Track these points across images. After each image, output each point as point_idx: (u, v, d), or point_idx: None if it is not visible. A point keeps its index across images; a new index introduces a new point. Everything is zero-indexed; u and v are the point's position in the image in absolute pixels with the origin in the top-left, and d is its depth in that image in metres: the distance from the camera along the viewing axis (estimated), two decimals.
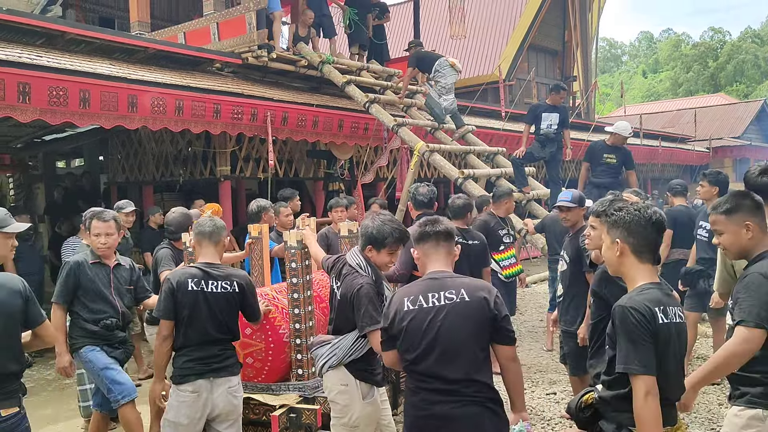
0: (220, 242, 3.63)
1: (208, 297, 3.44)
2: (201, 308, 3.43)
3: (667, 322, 2.29)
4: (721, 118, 27.14)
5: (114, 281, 4.21)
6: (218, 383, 3.45)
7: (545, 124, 8.26)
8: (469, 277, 2.85)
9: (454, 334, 2.61)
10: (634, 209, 2.42)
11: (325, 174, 10.25)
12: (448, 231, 2.84)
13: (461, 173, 8.04)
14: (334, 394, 3.35)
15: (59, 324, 4.03)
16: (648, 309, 2.27)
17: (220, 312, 3.47)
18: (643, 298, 2.31)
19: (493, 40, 19.11)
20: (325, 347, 3.38)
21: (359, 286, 3.21)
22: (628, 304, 2.29)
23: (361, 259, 3.32)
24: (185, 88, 7.33)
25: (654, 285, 2.38)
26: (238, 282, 3.54)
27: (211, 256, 3.59)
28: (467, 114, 12.00)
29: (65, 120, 6.28)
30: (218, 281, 3.48)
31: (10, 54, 6.05)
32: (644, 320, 2.25)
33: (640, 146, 17.52)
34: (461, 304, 2.64)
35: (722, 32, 60.52)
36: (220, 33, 9.27)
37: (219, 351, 3.48)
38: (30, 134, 10.12)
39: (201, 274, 3.49)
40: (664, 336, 2.28)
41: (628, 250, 2.41)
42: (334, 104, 9.40)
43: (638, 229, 2.40)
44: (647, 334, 2.25)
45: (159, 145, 9.60)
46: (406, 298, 2.72)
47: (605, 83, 52.40)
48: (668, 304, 2.33)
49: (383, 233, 3.25)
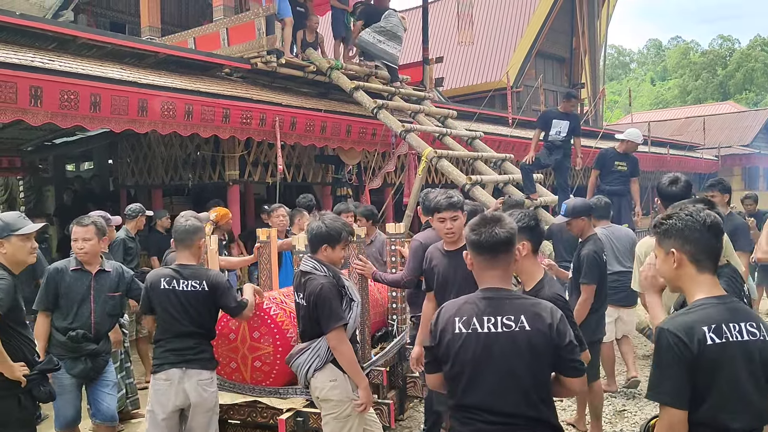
0: (193, 245, 3.77)
1: (179, 294, 3.63)
2: (173, 304, 3.63)
3: (721, 343, 2.01)
4: (729, 127, 27.03)
5: (95, 288, 4.06)
6: (190, 374, 3.59)
7: (554, 131, 8.24)
8: (531, 299, 2.44)
9: (512, 367, 2.27)
10: (686, 214, 2.18)
11: (333, 179, 10.28)
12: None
13: (469, 179, 8.04)
14: (326, 392, 3.37)
15: (39, 331, 3.91)
16: (688, 331, 2.02)
17: (191, 308, 3.64)
18: (688, 318, 2.07)
19: (501, 47, 19.13)
20: (304, 354, 3.43)
21: (319, 287, 3.32)
22: (666, 326, 2.07)
23: (314, 262, 3.44)
24: (195, 92, 7.38)
25: (712, 300, 2.11)
26: (207, 281, 3.68)
27: (185, 259, 3.77)
28: (475, 120, 12.02)
29: (76, 123, 6.33)
30: (188, 280, 3.66)
31: (22, 58, 6.11)
32: (679, 344, 2.01)
33: (648, 154, 17.48)
34: (521, 335, 2.28)
35: (731, 40, 60.35)
36: (229, 38, 9.33)
37: (194, 344, 3.64)
38: (40, 137, 10.21)
39: (172, 273, 3.69)
40: (713, 360, 2.01)
41: (686, 260, 2.16)
42: (342, 110, 9.44)
43: (694, 235, 2.14)
44: (678, 360, 2.01)
45: (168, 149, 9.65)
46: (458, 318, 2.36)
47: (613, 90, 52.34)
48: (728, 321, 2.05)
49: (337, 229, 3.46)
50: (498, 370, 2.28)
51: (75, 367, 3.96)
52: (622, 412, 5.45)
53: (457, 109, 11.54)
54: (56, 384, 3.68)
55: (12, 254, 3.31)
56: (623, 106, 46.29)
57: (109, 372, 4.20)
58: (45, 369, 3.37)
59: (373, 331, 4.97)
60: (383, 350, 4.85)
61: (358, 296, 3.56)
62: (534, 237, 3.03)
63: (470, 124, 11.58)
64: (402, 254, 5.03)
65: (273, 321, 4.05)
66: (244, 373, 4.12)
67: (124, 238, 6.13)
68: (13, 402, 3.20)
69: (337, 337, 3.30)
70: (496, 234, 2.34)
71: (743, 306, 2.17)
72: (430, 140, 9.47)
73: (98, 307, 4.05)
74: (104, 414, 4.09)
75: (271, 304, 4.17)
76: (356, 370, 3.37)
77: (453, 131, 9.75)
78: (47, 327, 3.98)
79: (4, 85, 5.61)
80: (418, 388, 5.03)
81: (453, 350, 2.34)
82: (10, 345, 3.14)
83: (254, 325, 4.07)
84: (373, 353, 4.73)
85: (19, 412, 3.24)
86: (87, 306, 4.01)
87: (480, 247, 2.37)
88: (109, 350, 4.28)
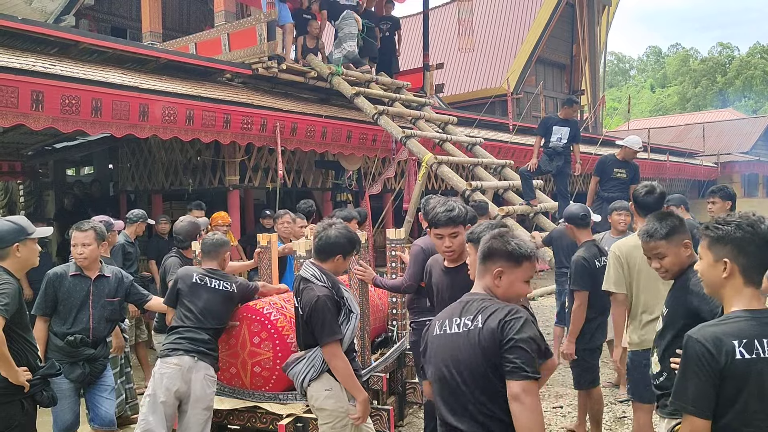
0: (219, 257, 4.10)
1: (209, 290, 3.89)
2: (201, 298, 3.86)
3: (751, 358, 1.96)
4: (729, 134, 27.06)
5: (94, 294, 4.04)
6: (200, 366, 3.73)
7: (555, 138, 8.26)
8: (501, 303, 2.24)
9: (459, 373, 2.18)
10: (747, 224, 2.09)
11: (333, 184, 10.30)
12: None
13: (469, 185, 8.05)
14: (321, 401, 3.34)
15: (37, 337, 3.87)
16: (717, 342, 1.98)
17: (217, 305, 3.88)
18: (719, 330, 2.02)
19: (502, 54, 19.19)
20: (300, 364, 3.39)
21: (315, 299, 3.25)
22: (696, 335, 2.03)
23: (315, 270, 3.37)
24: (196, 98, 7.40)
25: (748, 313, 2.05)
26: (236, 284, 4.02)
27: (213, 266, 4.08)
28: (475, 126, 12.05)
29: (77, 128, 6.34)
30: (219, 281, 3.96)
31: (24, 63, 6.13)
32: (707, 355, 1.98)
33: (648, 161, 17.50)
34: (472, 334, 2.18)
35: (731, 47, 60.50)
36: (230, 44, 9.37)
37: (208, 339, 3.82)
38: (41, 142, 10.22)
39: (204, 272, 3.99)
40: (740, 374, 1.97)
41: (738, 272, 2.08)
42: (343, 115, 9.46)
43: (750, 248, 2.07)
44: (706, 371, 1.98)
45: (168, 154, 9.66)
46: (438, 320, 2.35)
47: (613, 97, 52.39)
48: (761, 336, 1.99)
49: (354, 241, 3.46)
50: (450, 377, 2.20)
51: (73, 371, 3.95)
52: (622, 418, 5.43)
53: (458, 115, 11.57)
54: (54, 389, 3.67)
55: (26, 258, 3.33)
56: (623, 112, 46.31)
57: (107, 377, 4.20)
58: (47, 374, 3.36)
59: (372, 337, 4.96)
60: (383, 356, 4.85)
61: (358, 307, 3.51)
62: None
63: (470, 130, 11.61)
64: (402, 260, 5.03)
65: (273, 326, 4.05)
66: (244, 378, 4.11)
67: (124, 243, 6.13)
68: (16, 407, 3.20)
69: (331, 352, 3.25)
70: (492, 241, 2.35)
71: None
72: (431, 146, 9.49)
73: (96, 312, 4.04)
74: (102, 419, 4.08)
75: (271, 309, 4.17)
76: (353, 384, 3.31)
77: (453, 137, 9.76)
78: (45, 332, 3.98)
79: (5, 89, 5.61)
80: (417, 395, 5.02)
81: (427, 353, 2.38)
82: (13, 349, 3.14)
83: (254, 330, 4.07)
84: (373, 359, 4.73)
85: (22, 416, 3.23)
86: (86, 311, 4.00)
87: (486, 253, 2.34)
88: (107, 355, 4.27)
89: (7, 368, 3.09)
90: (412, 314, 4.72)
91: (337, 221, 3.57)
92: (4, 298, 3.08)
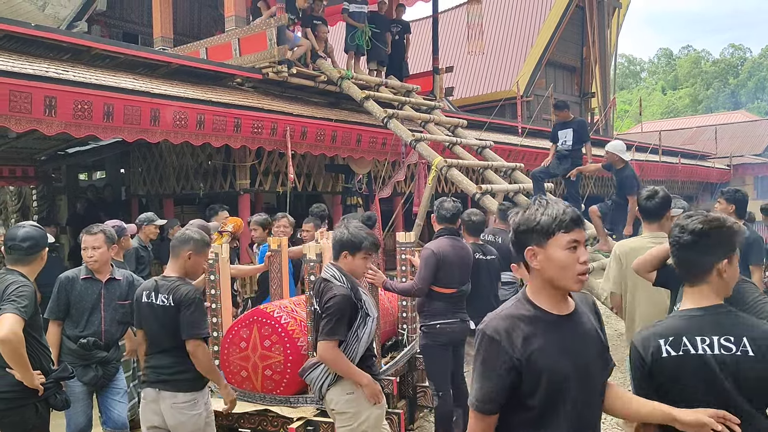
0: (179, 257, 3.50)
1: (155, 309, 3.41)
2: (151, 319, 3.44)
3: (678, 356, 2.02)
4: (741, 136, 26.86)
5: (105, 297, 4.06)
6: (164, 396, 3.41)
7: (561, 142, 8.38)
8: None
9: None
10: (676, 226, 2.19)
11: (343, 188, 10.31)
12: None
13: (479, 188, 8.04)
14: (342, 404, 3.34)
15: (51, 341, 3.89)
16: (644, 344, 2.09)
17: (168, 323, 3.39)
18: (647, 332, 2.12)
19: (512, 56, 19.15)
20: (317, 369, 3.40)
21: (332, 296, 3.26)
22: (634, 338, 2.17)
23: (335, 270, 3.39)
24: (206, 102, 7.44)
25: (681, 312, 2.13)
26: (174, 296, 3.38)
27: (170, 269, 3.54)
28: (485, 129, 12.03)
29: (89, 133, 6.39)
30: (161, 294, 3.41)
31: (37, 68, 6.19)
32: (637, 356, 2.10)
33: (659, 163, 17.40)
34: None
35: (743, 49, 60.13)
36: (241, 48, 9.41)
37: (171, 363, 3.42)
38: (54, 147, 10.30)
39: (153, 286, 3.48)
40: (669, 370, 2.03)
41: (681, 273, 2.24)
42: (353, 119, 9.47)
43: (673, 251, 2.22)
44: (639, 371, 2.10)
45: (180, 159, 9.72)
46: None
47: (624, 100, 52.18)
48: (695, 334, 2.03)
49: (359, 237, 3.40)
50: None
51: (86, 374, 3.98)
52: None
53: (468, 118, 11.56)
54: (68, 392, 3.70)
55: (45, 260, 3.47)
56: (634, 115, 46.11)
57: (119, 380, 4.22)
58: (60, 377, 3.39)
59: (383, 341, 4.96)
60: (393, 360, 4.85)
61: (375, 311, 3.48)
62: None
63: (480, 133, 11.59)
64: (412, 263, 5.03)
65: (284, 330, 4.06)
66: (255, 381, 4.13)
67: (137, 246, 6.17)
68: (30, 410, 3.24)
69: (323, 347, 3.24)
70: None
71: (734, 318, 2.06)
72: (440, 149, 9.49)
73: (108, 314, 4.07)
74: (115, 421, 4.10)
75: (281, 312, 4.18)
76: (353, 373, 3.29)
77: (463, 140, 9.75)
78: (59, 336, 4.00)
79: (19, 95, 5.67)
80: (428, 398, 5.01)
81: None
82: (28, 353, 3.17)
83: (265, 333, 4.08)
84: (383, 363, 4.73)
85: (36, 420, 3.26)
86: (97, 314, 4.03)
87: None
88: (120, 358, 4.30)
89: (24, 371, 3.12)
90: (423, 318, 4.72)
91: (352, 221, 3.56)
92: (24, 300, 3.13)
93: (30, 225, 3.46)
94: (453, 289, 4.63)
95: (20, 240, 3.34)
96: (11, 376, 3.15)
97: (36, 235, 3.37)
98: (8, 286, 3.18)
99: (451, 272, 4.60)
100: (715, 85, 53.88)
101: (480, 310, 5.03)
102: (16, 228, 3.44)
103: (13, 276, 3.26)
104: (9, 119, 5.70)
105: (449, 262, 4.59)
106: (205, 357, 3.38)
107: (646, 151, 17.41)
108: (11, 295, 3.13)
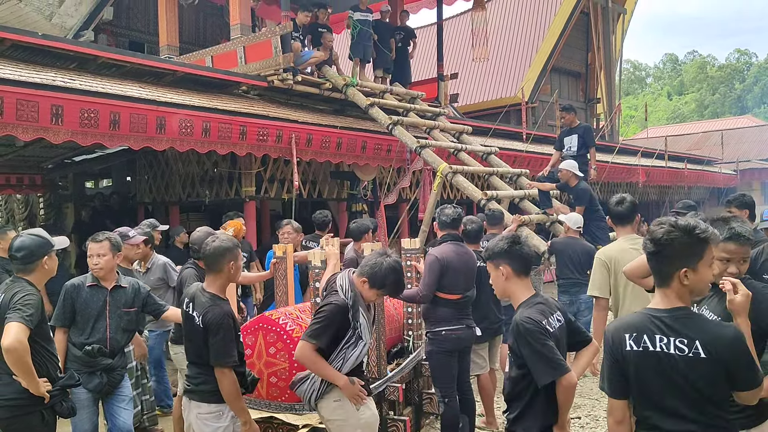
0: (222, 270, 3.41)
1: (190, 320, 3.39)
2: (186, 326, 3.45)
3: (639, 351, 2.20)
4: (748, 140, 26.80)
5: (110, 304, 4.06)
6: (192, 405, 3.42)
7: (566, 148, 8.44)
8: None
9: None
10: (648, 236, 2.35)
11: (348, 195, 10.32)
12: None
13: (484, 194, 8.04)
14: (330, 411, 3.37)
15: (58, 347, 3.87)
16: (615, 334, 2.29)
17: (195, 339, 3.38)
18: (618, 323, 2.35)
19: (516, 63, 19.17)
20: (306, 382, 3.43)
21: (329, 303, 3.28)
22: (608, 326, 2.38)
23: (346, 282, 3.36)
24: (212, 110, 7.46)
25: (647, 310, 2.29)
26: (203, 317, 3.30)
27: (207, 283, 3.48)
28: (490, 136, 12.05)
29: (96, 141, 6.42)
30: (195, 310, 3.36)
31: (44, 77, 6.23)
32: (609, 343, 2.30)
33: (665, 168, 17.37)
34: None
35: (749, 54, 59.92)
36: (246, 56, 9.45)
37: (196, 373, 3.41)
38: (60, 155, 10.36)
39: (192, 296, 3.45)
40: (633, 363, 2.22)
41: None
42: (358, 126, 9.49)
43: (647, 255, 2.38)
44: (610, 358, 2.30)
45: (185, 166, 9.75)
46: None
47: (630, 105, 52.05)
48: (654, 333, 2.19)
49: (387, 279, 3.34)
50: None
51: (91, 381, 3.97)
52: None
53: (472, 124, 11.57)
54: (73, 399, 3.70)
55: (51, 268, 3.45)
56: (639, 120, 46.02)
57: (125, 387, 4.22)
58: (66, 384, 3.40)
59: (388, 347, 4.95)
60: (399, 366, 4.83)
61: (369, 338, 3.43)
62: (512, 259, 2.88)
63: (485, 139, 11.59)
64: (417, 269, 5.02)
65: (289, 337, 4.06)
66: (260, 388, 4.12)
67: None
68: (36, 418, 3.24)
69: (301, 347, 3.24)
70: None
71: (692, 322, 2.19)
72: (446, 156, 9.50)
73: (113, 322, 4.06)
74: (120, 429, 4.10)
75: (287, 319, 4.18)
76: (328, 373, 3.27)
77: (468, 147, 9.76)
78: (65, 343, 4.01)
79: (26, 104, 5.71)
80: (434, 405, 5.00)
81: None
82: (35, 361, 3.19)
83: (270, 340, 4.08)
84: (389, 369, 4.72)
85: (42, 427, 3.27)
86: (103, 321, 4.03)
87: None
88: (125, 365, 4.30)
89: (29, 379, 3.13)
90: (428, 324, 4.71)
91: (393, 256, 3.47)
92: (29, 308, 3.14)
93: (27, 234, 3.47)
94: (458, 295, 4.62)
95: (14, 250, 3.37)
96: (17, 384, 3.16)
97: (31, 245, 3.37)
98: (15, 295, 3.20)
99: (455, 278, 4.59)
100: (721, 90, 53.71)
101: (481, 316, 5.04)
102: (16, 237, 3.47)
103: (19, 284, 3.28)
104: (16, 128, 5.73)
105: (453, 268, 4.58)
106: (230, 386, 3.27)
107: (652, 157, 17.38)
108: (17, 303, 3.15)
